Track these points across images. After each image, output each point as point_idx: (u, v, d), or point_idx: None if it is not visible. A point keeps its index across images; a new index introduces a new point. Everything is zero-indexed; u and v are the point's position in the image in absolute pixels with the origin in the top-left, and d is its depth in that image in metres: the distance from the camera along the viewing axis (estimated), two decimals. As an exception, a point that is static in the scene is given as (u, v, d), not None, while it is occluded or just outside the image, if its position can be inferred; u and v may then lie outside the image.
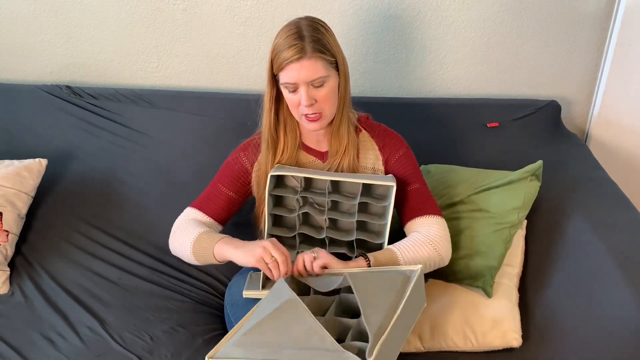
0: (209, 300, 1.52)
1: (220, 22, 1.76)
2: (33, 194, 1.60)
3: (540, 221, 1.45)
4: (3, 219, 1.52)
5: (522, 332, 1.27)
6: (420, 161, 1.37)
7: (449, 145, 1.71)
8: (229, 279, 1.55)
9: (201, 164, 1.68)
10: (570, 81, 1.81)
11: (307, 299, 1.15)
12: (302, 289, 1.21)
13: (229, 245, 1.22)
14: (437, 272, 1.32)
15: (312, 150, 1.34)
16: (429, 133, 1.71)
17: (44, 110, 1.76)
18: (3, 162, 1.61)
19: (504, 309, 1.30)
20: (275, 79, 1.23)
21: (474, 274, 1.32)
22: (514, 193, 1.37)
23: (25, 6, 1.77)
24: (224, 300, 1.45)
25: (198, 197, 1.39)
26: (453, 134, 1.72)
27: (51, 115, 1.76)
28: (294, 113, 1.25)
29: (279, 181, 1.33)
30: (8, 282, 1.50)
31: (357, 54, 1.77)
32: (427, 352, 1.32)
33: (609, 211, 1.37)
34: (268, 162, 1.31)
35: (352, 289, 1.04)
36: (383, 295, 1.06)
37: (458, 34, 1.74)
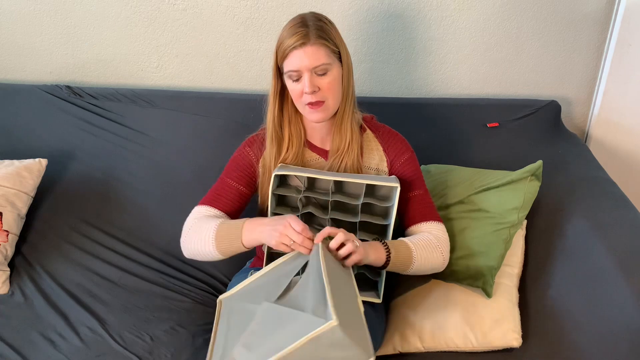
0: (209, 300, 1.52)
1: (220, 22, 1.76)
2: (33, 194, 1.60)
3: (540, 221, 1.45)
4: (3, 219, 1.52)
5: (522, 332, 1.27)
6: (420, 161, 1.37)
7: (449, 145, 1.71)
8: (229, 278, 1.55)
9: (201, 164, 1.69)
10: (570, 81, 1.81)
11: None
12: None
13: (255, 225, 1.18)
14: (437, 272, 1.32)
15: (316, 148, 1.34)
16: (429, 133, 1.71)
17: (44, 110, 1.76)
18: (3, 162, 1.61)
19: (504, 309, 1.30)
20: (279, 72, 1.24)
21: (474, 274, 1.32)
22: (513, 193, 1.37)
23: (26, 6, 1.77)
24: (224, 300, 1.45)
25: (206, 195, 1.34)
26: (453, 134, 1.72)
27: (51, 115, 1.76)
28: (297, 104, 1.25)
29: (282, 180, 1.32)
30: (8, 282, 1.50)
31: (357, 54, 1.77)
32: (427, 352, 1.33)
33: (609, 211, 1.37)
34: (272, 158, 1.30)
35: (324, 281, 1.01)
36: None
37: (458, 34, 1.74)
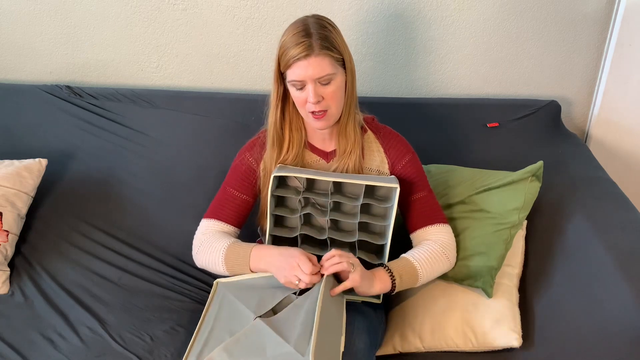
0: (209, 300, 1.52)
1: (220, 22, 1.76)
2: (33, 194, 1.60)
3: (540, 221, 1.45)
4: (3, 219, 1.51)
5: (522, 332, 1.27)
6: (420, 161, 1.37)
7: (449, 145, 1.71)
8: (229, 279, 1.55)
9: (201, 164, 1.69)
10: (570, 81, 1.81)
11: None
12: None
13: (263, 255, 1.23)
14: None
15: (317, 150, 1.34)
16: (429, 133, 1.71)
17: (44, 110, 1.76)
18: (3, 162, 1.61)
19: (504, 309, 1.30)
20: (282, 77, 1.23)
21: (474, 274, 1.32)
22: (514, 193, 1.37)
23: (26, 6, 1.77)
24: (224, 300, 1.45)
25: (210, 206, 1.36)
26: (453, 134, 1.72)
27: (51, 115, 1.76)
28: (300, 111, 1.25)
29: (282, 181, 1.32)
30: (8, 282, 1.50)
31: (357, 54, 1.76)
32: (428, 352, 1.33)
33: (609, 211, 1.37)
34: (273, 161, 1.30)
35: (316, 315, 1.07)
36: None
37: (458, 34, 1.74)
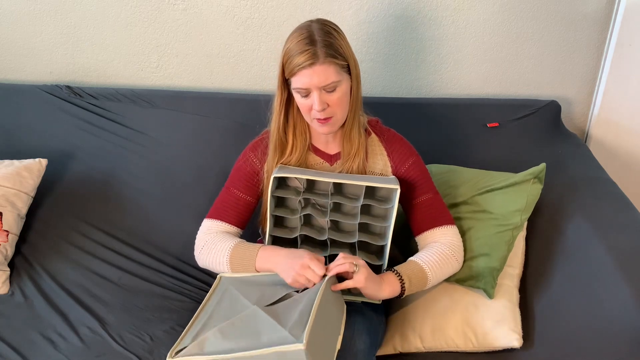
0: (209, 300, 1.52)
1: (220, 22, 1.76)
2: (33, 194, 1.60)
3: (540, 221, 1.45)
4: (3, 219, 1.51)
5: (523, 332, 1.27)
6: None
7: (449, 145, 1.71)
8: (229, 279, 1.55)
9: (201, 164, 1.69)
10: (570, 81, 1.81)
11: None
12: None
13: (270, 255, 1.23)
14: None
15: (320, 152, 1.33)
16: (429, 133, 1.71)
17: (44, 110, 1.76)
18: (3, 162, 1.61)
19: (504, 310, 1.30)
20: (286, 83, 1.22)
21: (476, 275, 1.32)
22: (516, 195, 1.37)
23: (25, 6, 1.77)
24: (224, 301, 1.45)
25: (213, 206, 1.35)
26: (453, 134, 1.72)
27: (51, 115, 1.76)
28: (305, 117, 1.25)
29: (282, 182, 1.32)
30: (8, 282, 1.50)
31: (357, 54, 1.73)
32: (428, 352, 1.33)
33: (609, 211, 1.37)
34: (274, 165, 1.30)
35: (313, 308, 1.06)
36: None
37: (458, 34, 1.74)
